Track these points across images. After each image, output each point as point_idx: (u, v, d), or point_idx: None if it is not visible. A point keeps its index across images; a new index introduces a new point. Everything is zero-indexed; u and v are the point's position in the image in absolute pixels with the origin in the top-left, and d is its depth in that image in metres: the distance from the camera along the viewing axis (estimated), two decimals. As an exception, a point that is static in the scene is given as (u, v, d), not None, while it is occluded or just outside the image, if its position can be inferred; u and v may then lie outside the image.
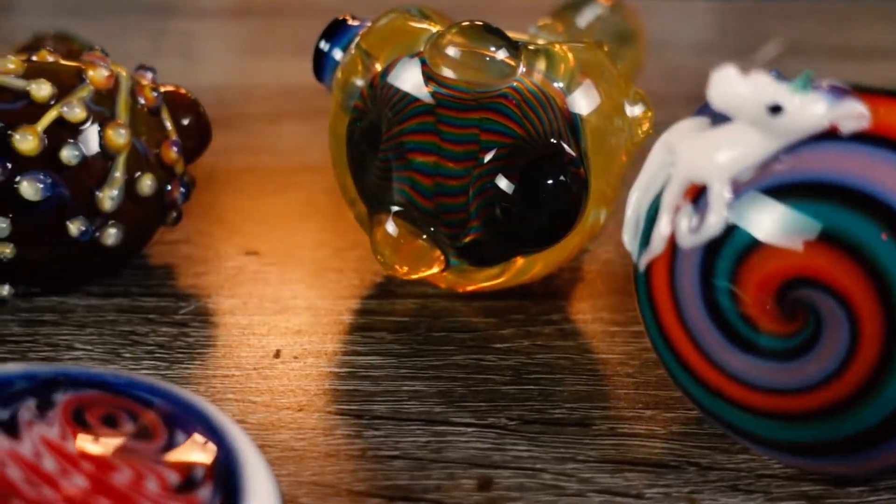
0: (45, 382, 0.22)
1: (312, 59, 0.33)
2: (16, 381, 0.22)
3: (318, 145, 0.44)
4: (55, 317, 0.31)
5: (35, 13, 0.65)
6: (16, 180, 0.29)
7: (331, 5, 0.71)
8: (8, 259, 0.30)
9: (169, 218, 0.33)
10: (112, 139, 0.30)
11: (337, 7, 0.69)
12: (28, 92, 0.29)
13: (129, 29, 0.63)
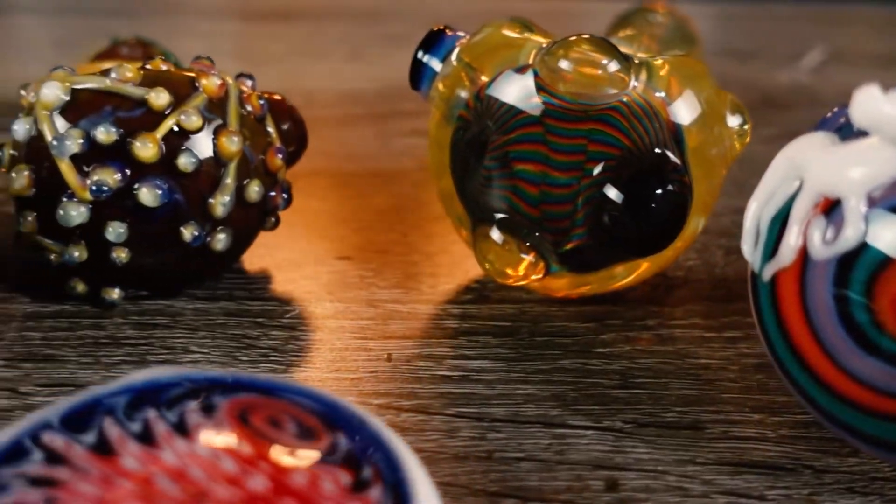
0: (202, 386, 0.23)
1: (410, 68, 0.34)
2: (174, 384, 0.23)
3: (387, 150, 0.45)
4: (166, 320, 0.31)
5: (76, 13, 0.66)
6: (135, 187, 0.29)
7: (380, 8, 0.72)
8: (123, 263, 0.30)
9: (268, 223, 0.34)
10: (225, 146, 0.30)
11: (386, 11, 0.70)
12: (147, 100, 0.30)
13: (181, 31, 0.64)
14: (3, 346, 0.30)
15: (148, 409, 0.21)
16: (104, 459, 0.20)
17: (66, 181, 0.29)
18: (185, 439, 0.21)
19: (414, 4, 0.71)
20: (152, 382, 0.23)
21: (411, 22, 0.68)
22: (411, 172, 0.44)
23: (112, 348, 0.30)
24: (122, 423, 0.21)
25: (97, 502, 0.19)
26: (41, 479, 0.19)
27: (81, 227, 0.30)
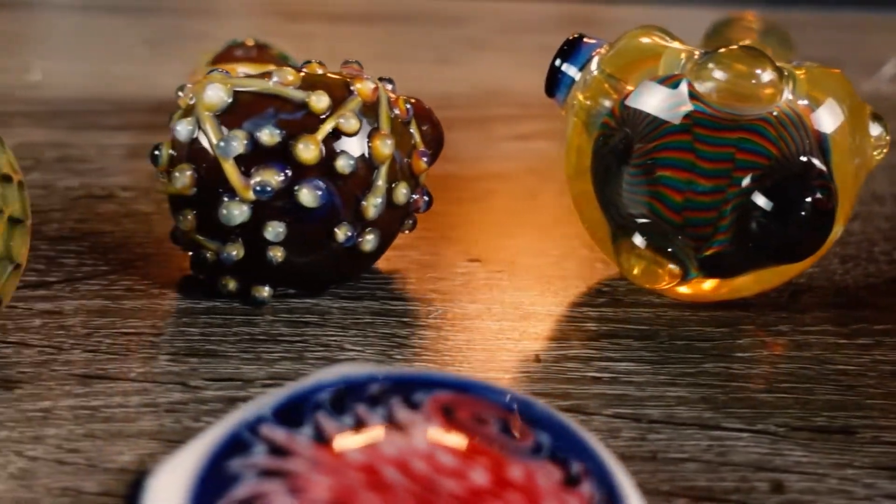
0: (400, 383, 0.23)
1: (547, 75, 0.35)
2: (372, 381, 0.23)
3: (493, 154, 0.46)
4: (315, 318, 0.32)
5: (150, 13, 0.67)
6: (295, 187, 0.30)
7: (460, 13, 0.73)
8: (278, 263, 0.31)
9: (406, 225, 0.34)
10: (379, 149, 0.31)
11: (465, 15, 0.71)
12: (307, 103, 0.30)
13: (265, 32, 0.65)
14: (164, 340, 0.31)
15: (355, 405, 0.22)
16: (327, 451, 0.21)
17: (229, 181, 0.30)
18: (398, 433, 0.21)
19: (492, 9, 0.72)
20: (351, 379, 0.23)
21: (491, 26, 0.69)
22: (522, 176, 0.44)
23: (269, 345, 0.31)
24: (335, 417, 0.22)
25: (332, 492, 0.20)
26: (272, 470, 0.20)
27: (240, 227, 0.31)
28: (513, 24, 0.67)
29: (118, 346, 0.30)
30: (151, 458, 0.26)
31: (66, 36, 0.61)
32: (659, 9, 0.75)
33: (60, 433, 0.26)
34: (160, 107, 0.49)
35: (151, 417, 0.27)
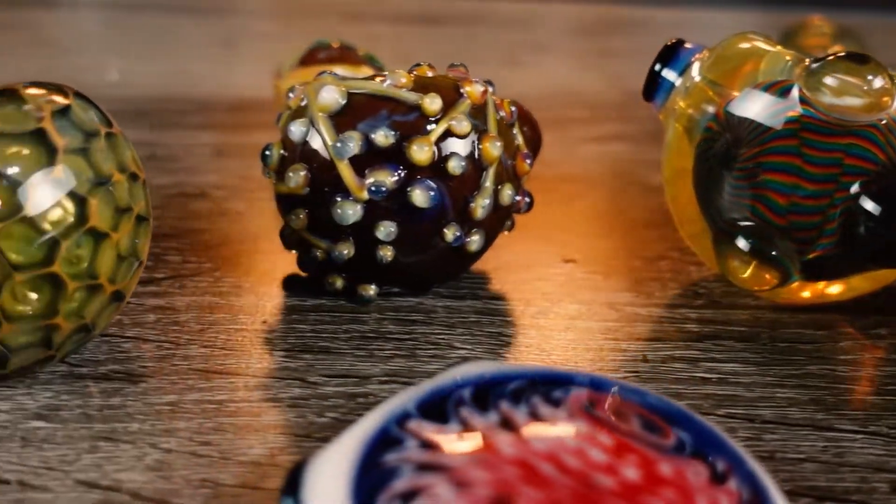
0: (535, 381, 0.24)
1: (646, 80, 0.35)
2: (509, 379, 0.24)
3: (574, 157, 0.46)
4: (421, 316, 0.33)
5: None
6: (408, 188, 0.31)
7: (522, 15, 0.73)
8: (387, 262, 0.32)
9: (506, 225, 0.35)
10: (488, 151, 0.32)
11: (527, 18, 0.72)
12: (420, 105, 0.31)
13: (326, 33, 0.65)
14: (277, 336, 0.31)
15: (497, 401, 0.23)
16: (479, 446, 0.21)
17: (343, 181, 0.31)
18: (544, 429, 0.22)
19: (552, 11, 0.72)
20: (487, 376, 0.24)
21: (553, 29, 0.69)
22: (606, 179, 0.45)
23: (380, 342, 0.31)
24: (479, 413, 0.22)
25: (492, 486, 0.20)
26: (429, 465, 0.21)
27: (351, 226, 0.31)
28: (573, 26, 0.67)
29: (233, 342, 0.31)
30: (282, 452, 0.26)
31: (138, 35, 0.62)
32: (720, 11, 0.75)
33: (191, 426, 0.27)
34: (239, 105, 0.50)
35: (276, 412, 0.28)
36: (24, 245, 0.25)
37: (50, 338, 0.27)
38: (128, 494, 0.24)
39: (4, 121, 0.25)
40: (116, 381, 0.29)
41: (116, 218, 0.27)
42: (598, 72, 0.57)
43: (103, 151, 0.27)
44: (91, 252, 0.27)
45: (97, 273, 0.27)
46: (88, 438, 0.26)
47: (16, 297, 0.26)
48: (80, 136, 0.27)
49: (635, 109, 0.55)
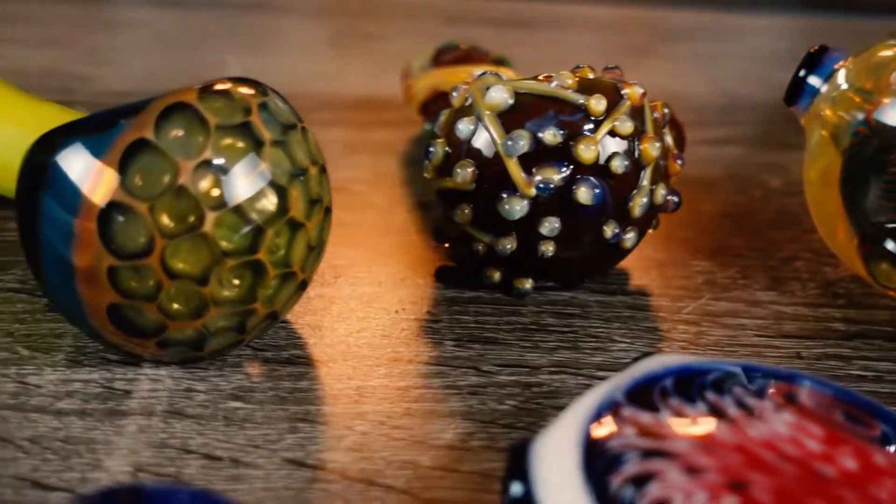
0: (730, 374, 0.25)
1: (790, 85, 0.36)
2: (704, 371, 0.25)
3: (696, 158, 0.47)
4: (577, 310, 0.34)
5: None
6: (573, 185, 0.32)
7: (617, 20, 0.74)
8: (547, 256, 0.33)
9: (653, 224, 0.36)
10: (647, 151, 0.33)
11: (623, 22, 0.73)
12: (587, 106, 0.32)
13: (426, 35, 0.66)
14: (444, 327, 0.32)
15: (702, 391, 0.24)
16: (697, 433, 0.22)
17: (511, 178, 0.32)
18: (754, 418, 0.23)
19: (645, 16, 0.73)
20: (683, 368, 0.25)
21: (649, 33, 0.70)
22: (724, 181, 0.45)
23: (542, 334, 0.32)
24: (687, 402, 0.23)
25: (721, 472, 0.21)
26: (654, 450, 0.22)
27: (515, 221, 0.32)
28: (667, 31, 0.68)
29: (402, 332, 0.32)
30: (472, 438, 0.27)
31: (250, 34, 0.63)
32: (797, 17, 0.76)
33: (380, 410, 0.28)
34: (359, 103, 0.51)
35: (457, 399, 0.29)
36: (233, 233, 0.27)
37: (244, 323, 0.29)
38: (335, 474, 0.26)
39: (216, 114, 0.27)
40: (300, 365, 0.30)
41: (309, 209, 0.29)
42: (698, 75, 0.58)
43: (299, 144, 0.28)
44: (287, 241, 0.28)
45: (291, 262, 0.28)
46: (286, 419, 0.28)
47: (221, 283, 0.27)
48: (279, 129, 0.28)
49: (740, 113, 0.56)
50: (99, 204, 0.26)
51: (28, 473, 0.25)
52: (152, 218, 0.26)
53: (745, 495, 0.21)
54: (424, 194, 0.42)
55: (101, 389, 0.28)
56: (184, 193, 0.26)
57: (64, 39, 0.62)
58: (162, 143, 0.26)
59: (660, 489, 0.21)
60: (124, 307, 0.27)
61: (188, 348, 0.28)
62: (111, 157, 0.26)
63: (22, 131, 0.33)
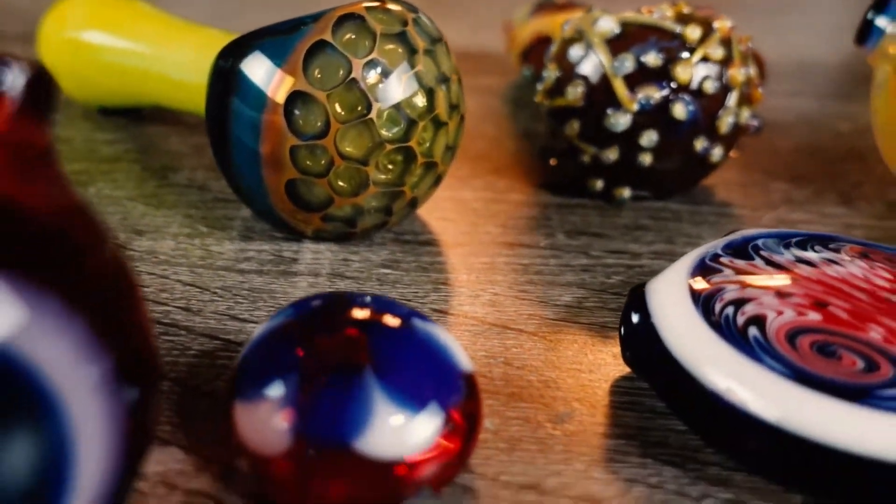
0: (813, 237, 0.30)
1: (859, 26, 0.40)
2: (790, 235, 0.30)
3: (761, 109, 0.51)
4: (669, 216, 0.39)
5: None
6: (670, 102, 0.37)
7: None
8: (644, 167, 0.38)
9: (735, 145, 0.41)
10: (734, 76, 0.37)
11: None
12: (683, 34, 0.37)
13: None
14: (555, 223, 0.37)
15: (788, 247, 0.29)
16: (784, 272, 0.27)
17: (616, 95, 0.37)
18: (833, 263, 0.28)
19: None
20: (773, 233, 0.30)
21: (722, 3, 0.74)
22: (794, 126, 0.50)
23: (640, 231, 0.37)
24: (776, 252, 0.28)
25: (806, 297, 0.26)
26: (748, 284, 0.27)
27: (619, 134, 0.37)
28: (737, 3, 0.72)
29: (523, 225, 0.37)
30: (587, 301, 0.32)
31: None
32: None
33: (508, 279, 0.33)
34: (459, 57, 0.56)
35: (571, 273, 0.34)
36: (392, 124, 0.32)
37: (391, 206, 0.34)
38: (475, 320, 0.31)
39: (380, 23, 0.32)
40: (437, 246, 0.35)
41: (450, 112, 0.34)
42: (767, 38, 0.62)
43: (443, 55, 0.34)
44: (432, 136, 0.33)
45: (434, 154, 0.34)
46: (429, 283, 0.33)
47: (378, 167, 0.32)
48: (428, 40, 0.33)
49: (810, 72, 0.60)
50: (284, 96, 0.31)
51: (225, 311, 0.31)
52: (328, 105, 0.31)
53: (825, 312, 0.25)
54: (528, 125, 0.47)
55: (272, 257, 0.34)
56: (354, 87, 0.31)
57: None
58: (338, 44, 0.31)
59: (755, 308, 0.26)
60: (300, 182, 0.32)
61: (344, 224, 0.34)
62: (294, 57, 0.31)
63: (195, 55, 0.39)
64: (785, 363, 0.24)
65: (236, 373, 0.24)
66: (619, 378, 0.28)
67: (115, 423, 0.18)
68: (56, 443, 0.17)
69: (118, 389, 0.18)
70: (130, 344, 0.18)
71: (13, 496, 0.16)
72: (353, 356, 0.23)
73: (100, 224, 0.18)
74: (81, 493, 0.18)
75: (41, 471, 0.17)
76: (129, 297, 0.18)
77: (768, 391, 0.24)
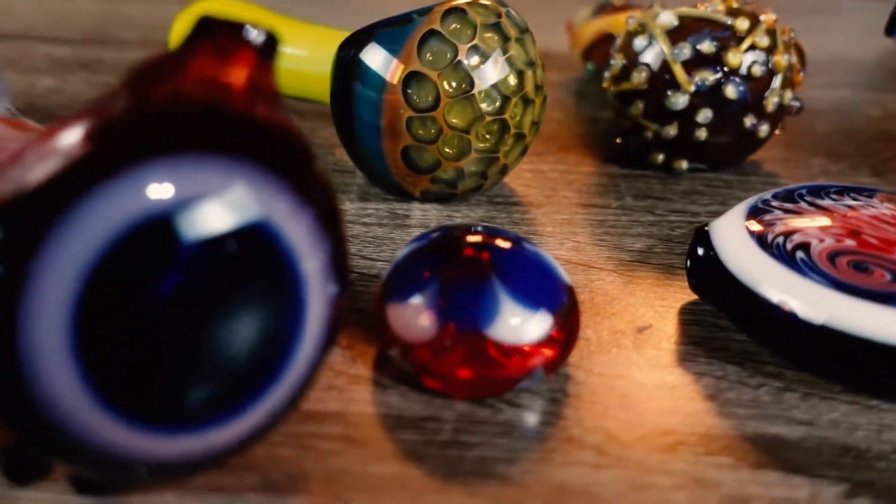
0: (846, 188, 0.35)
1: (889, 18, 0.46)
2: (825, 187, 0.35)
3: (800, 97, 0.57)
4: (721, 184, 0.45)
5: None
6: (722, 84, 0.43)
7: None
8: (700, 141, 0.44)
9: (779, 125, 0.46)
10: (779, 62, 0.43)
11: None
12: (733, 25, 0.43)
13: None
14: (623, 188, 0.43)
15: (826, 195, 0.34)
16: (824, 212, 0.33)
17: (676, 78, 0.43)
18: (866, 207, 0.33)
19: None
20: (812, 186, 0.35)
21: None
22: (831, 112, 0.56)
23: (697, 196, 0.43)
24: (818, 197, 0.34)
25: (844, 228, 0.32)
26: (794, 220, 0.33)
27: (678, 112, 0.43)
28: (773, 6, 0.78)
29: (595, 190, 0.43)
30: (654, 247, 0.38)
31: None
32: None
33: (586, 231, 0.39)
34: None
35: (641, 227, 0.40)
36: (490, 101, 0.38)
37: (486, 171, 0.40)
38: (561, 260, 0.37)
39: (479, 15, 0.38)
40: (523, 206, 0.41)
41: (535, 91, 0.40)
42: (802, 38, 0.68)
43: (530, 43, 0.40)
44: (521, 112, 0.39)
45: (522, 127, 0.40)
46: (521, 234, 0.39)
47: (477, 136, 0.39)
48: (518, 30, 0.39)
49: (843, 68, 0.66)
50: (400, 77, 0.37)
51: (356, 252, 0.37)
52: (439, 83, 0.37)
53: (858, 239, 0.31)
54: (592, 112, 0.53)
55: (387, 213, 0.40)
56: (460, 68, 0.38)
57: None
58: (445, 33, 0.38)
59: (801, 237, 0.32)
60: (413, 149, 0.38)
61: (447, 186, 0.40)
62: (409, 44, 0.38)
63: (311, 49, 0.46)
64: (827, 278, 0.30)
65: (385, 284, 0.30)
66: (685, 303, 0.34)
67: (325, 307, 0.24)
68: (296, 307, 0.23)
69: (329, 281, 0.24)
70: (339, 245, 0.24)
71: (264, 337, 0.23)
72: (480, 267, 0.29)
73: (311, 144, 0.24)
74: (303, 354, 0.24)
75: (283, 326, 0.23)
76: (336, 203, 0.24)
77: (815, 300, 0.29)
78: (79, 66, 0.55)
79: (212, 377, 0.22)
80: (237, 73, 0.23)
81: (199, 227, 0.21)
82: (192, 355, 0.22)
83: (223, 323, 0.22)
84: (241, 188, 0.22)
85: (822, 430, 0.28)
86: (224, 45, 0.23)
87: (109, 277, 0.20)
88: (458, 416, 0.28)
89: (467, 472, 0.26)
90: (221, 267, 0.22)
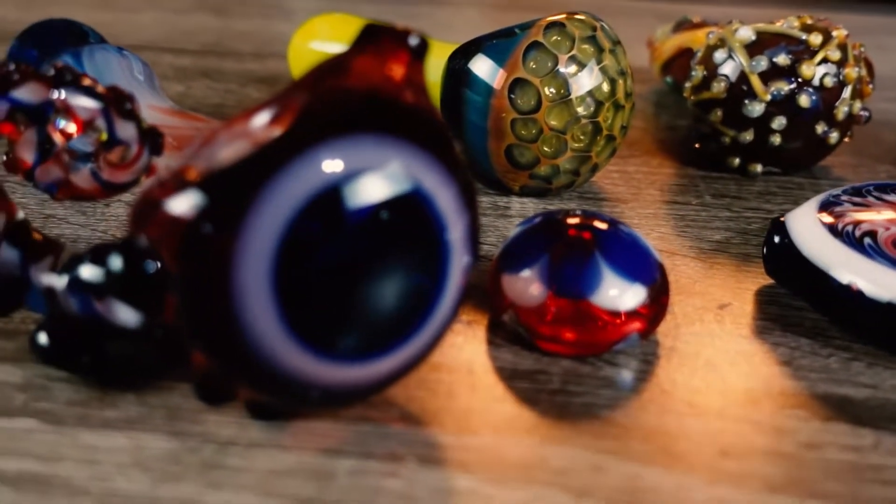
0: (886, 185, 0.39)
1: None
2: (887, 185, 0.39)
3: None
4: (794, 186, 0.48)
5: None
6: (796, 94, 0.46)
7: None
8: (774, 146, 0.48)
9: (848, 133, 0.50)
10: (849, 74, 0.47)
11: None
12: (808, 40, 0.47)
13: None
14: (703, 188, 0.48)
15: (891, 193, 0.38)
16: (887, 205, 0.37)
17: (753, 88, 0.47)
18: (928, 203, 0.37)
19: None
20: (875, 183, 0.39)
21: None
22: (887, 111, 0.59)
23: (770, 196, 0.47)
24: (884, 193, 0.38)
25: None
26: (864, 211, 0.36)
27: (754, 119, 0.47)
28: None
29: (676, 189, 0.47)
30: (732, 238, 0.42)
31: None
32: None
33: (669, 224, 0.44)
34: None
35: (719, 222, 0.44)
36: (586, 105, 0.43)
37: (579, 169, 0.44)
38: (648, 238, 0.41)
39: (577, 28, 0.43)
40: (611, 201, 0.46)
41: (626, 98, 0.44)
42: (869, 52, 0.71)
43: (622, 54, 0.44)
44: (612, 115, 0.44)
45: (613, 129, 0.44)
46: (610, 225, 0.43)
47: (573, 137, 0.43)
48: (611, 42, 0.44)
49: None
50: (506, 84, 0.42)
51: (463, 238, 0.41)
52: (541, 88, 0.42)
53: (921, 228, 0.35)
54: (671, 121, 0.57)
55: (489, 205, 0.45)
56: (559, 75, 0.42)
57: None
58: (547, 44, 0.42)
59: (868, 226, 0.36)
60: (515, 147, 0.43)
61: (543, 182, 0.45)
62: (515, 54, 0.42)
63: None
64: (892, 261, 0.34)
65: (499, 259, 0.35)
66: (762, 286, 0.38)
67: (460, 274, 0.29)
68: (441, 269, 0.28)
69: (465, 251, 0.29)
70: (475, 219, 0.29)
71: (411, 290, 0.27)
72: (585, 244, 0.34)
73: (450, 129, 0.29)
74: (440, 312, 0.29)
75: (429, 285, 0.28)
76: (473, 181, 0.29)
77: (881, 280, 0.33)
78: (200, 74, 0.61)
79: (373, 319, 0.27)
80: (395, 69, 0.28)
81: (365, 194, 0.26)
82: (360, 300, 0.26)
83: (384, 275, 0.27)
84: (398, 162, 0.27)
85: (886, 392, 0.32)
86: (385, 47, 0.28)
87: (299, 236, 0.25)
88: (563, 371, 0.33)
89: (575, 414, 0.31)
90: (384, 229, 0.27)
